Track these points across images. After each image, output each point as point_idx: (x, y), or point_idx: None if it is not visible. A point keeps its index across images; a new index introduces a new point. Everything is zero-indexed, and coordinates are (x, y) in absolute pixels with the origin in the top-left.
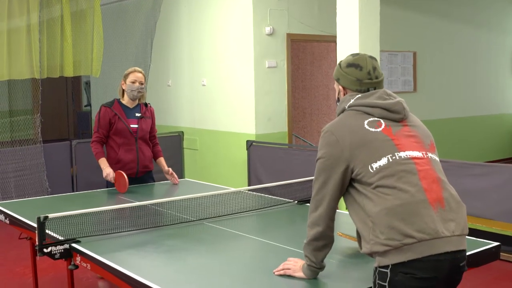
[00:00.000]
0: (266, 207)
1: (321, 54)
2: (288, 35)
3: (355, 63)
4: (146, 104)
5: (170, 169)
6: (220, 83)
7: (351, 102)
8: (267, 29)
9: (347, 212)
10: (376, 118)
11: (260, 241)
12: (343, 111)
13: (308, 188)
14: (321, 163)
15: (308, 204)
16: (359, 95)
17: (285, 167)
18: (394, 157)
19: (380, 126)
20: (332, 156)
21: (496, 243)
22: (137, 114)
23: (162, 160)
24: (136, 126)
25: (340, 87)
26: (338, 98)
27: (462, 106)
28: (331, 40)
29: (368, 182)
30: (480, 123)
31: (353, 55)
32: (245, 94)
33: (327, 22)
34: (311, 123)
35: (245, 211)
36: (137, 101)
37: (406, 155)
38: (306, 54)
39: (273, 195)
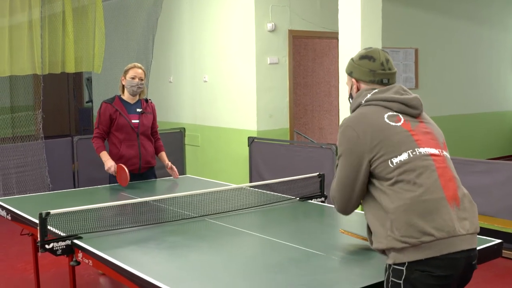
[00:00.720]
0: (267, 204)
1: (323, 51)
2: (290, 31)
3: (368, 55)
4: (146, 100)
5: (170, 163)
6: (222, 79)
7: (368, 96)
8: (269, 26)
9: None
10: (394, 113)
11: (262, 237)
12: (358, 106)
13: (309, 185)
14: (343, 160)
15: (310, 201)
16: (376, 90)
17: (286, 163)
18: (414, 153)
19: (400, 120)
20: (354, 152)
21: (498, 240)
22: (138, 110)
23: (163, 154)
24: (137, 121)
25: (353, 80)
26: (351, 94)
27: (464, 103)
28: (333, 36)
29: (387, 177)
30: (482, 120)
31: (365, 48)
32: (247, 90)
33: (329, 18)
34: (312, 120)
35: (247, 208)
36: (137, 97)
37: (425, 152)
38: (308, 50)
39: (274, 192)
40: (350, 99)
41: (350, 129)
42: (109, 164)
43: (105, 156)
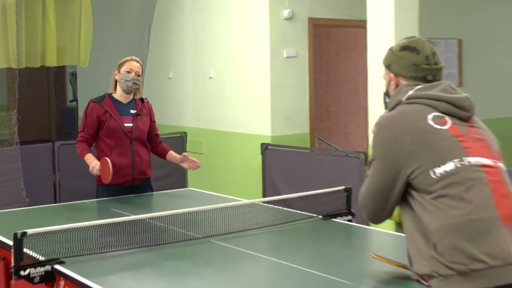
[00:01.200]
0: (284, 223)
1: (349, 42)
2: (310, 19)
3: (410, 45)
4: (142, 100)
5: (185, 153)
6: (230, 75)
7: (410, 93)
8: (286, 13)
9: (382, 230)
10: (440, 114)
11: (278, 262)
12: (398, 104)
13: (333, 200)
14: (377, 165)
15: (335, 220)
16: (420, 86)
17: (306, 175)
18: (462, 162)
19: (446, 123)
20: (388, 157)
21: None
22: (132, 111)
23: (172, 153)
24: (130, 124)
25: (392, 75)
26: (387, 91)
27: None
28: (360, 25)
29: (428, 190)
30: None
31: (407, 38)
32: (260, 88)
33: (355, 4)
34: (336, 123)
35: (259, 227)
36: (131, 96)
37: (476, 162)
38: (331, 42)
39: (292, 209)
40: (387, 97)
41: (385, 129)
42: (93, 163)
43: (90, 158)
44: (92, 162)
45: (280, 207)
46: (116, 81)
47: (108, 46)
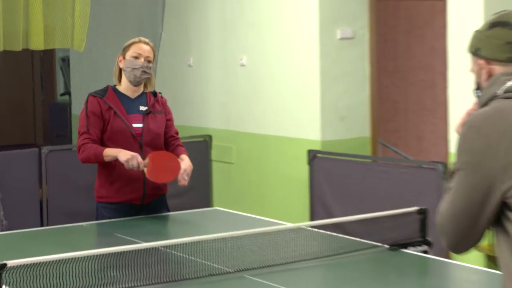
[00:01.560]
0: (338, 254)
1: (423, 19)
2: None
3: (502, 20)
4: (155, 94)
5: (187, 168)
6: (268, 62)
7: (508, 84)
8: None
9: (468, 265)
10: None
11: None
12: (492, 98)
13: (403, 225)
14: (463, 178)
15: (405, 251)
16: None
17: (367, 191)
18: None
19: None
20: (478, 169)
21: None
22: (142, 108)
23: (185, 157)
24: (140, 125)
25: (481, 61)
26: (478, 84)
27: None
28: None
29: None
30: None
31: (496, 13)
32: (306, 79)
33: None
34: (406, 124)
35: (306, 259)
36: (141, 89)
37: None
38: (400, 18)
39: (349, 235)
40: (477, 91)
41: (475, 132)
42: (132, 154)
43: (112, 151)
44: (121, 153)
45: (333, 233)
46: (120, 69)
47: (111, 25)
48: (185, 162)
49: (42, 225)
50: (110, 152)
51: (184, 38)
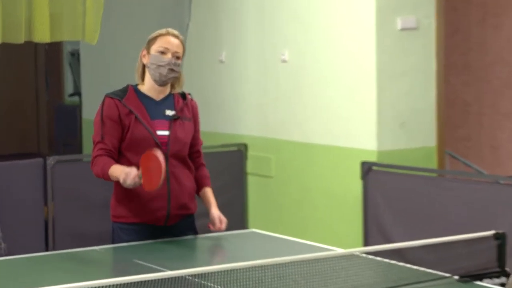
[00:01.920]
0: (398, 286)
1: (500, 5)
2: None
3: None
4: (183, 95)
5: (221, 215)
6: (314, 58)
7: None
8: None
9: None
10: None
11: None
12: None
13: (477, 252)
14: None
15: (480, 284)
16: None
17: (432, 211)
18: None
19: None
20: None
21: None
22: (169, 112)
23: (209, 192)
24: (166, 133)
25: None
26: None
27: None
28: None
29: None
30: None
31: None
32: (360, 77)
33: None
34: (479, 132)
35: None
36: (168, 89)
37: None
38: (472, 5)
39: (412, 264)
40: None
41: None
42: (126, 171)
43: (117, 168)
44: (122, 172)
45: (391, 261)
46: (144, 66)
47: (128, 14)
48: (215, 205)
49: (47, 249)
50: (114, 173)
51: (215, 29)
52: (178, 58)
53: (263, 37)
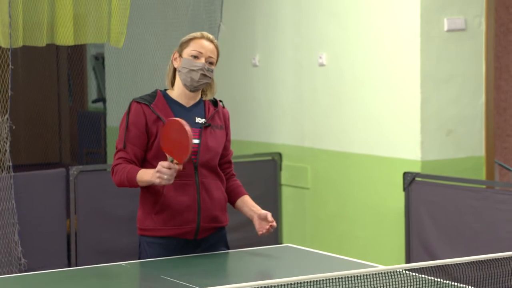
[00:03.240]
0: None
1: None
2: None
3: None
4: (215, 103)
5: (269, 214)
6: (353, 61)
7: None
8: None
9: None
10: None
11: None
12: None
13: None
14: None
15: None
16: None
17: (481, 225)
18: None
19: None
20: None
21: None
22: (199, 120)
23: (247, 198)
24: (196, 141)
25: None
26: None
27: None
28: None
29: None
30: None
31: None
32: (402, 83)
33: None
34: None
35: None
36: (199, 96)
37: None
38: None
39: (458, 282)
40: None
41: None
42: (157, 170)
43: (146, 172)
44: (150, 173)
45: (437, 279)
46: (175, 70)
47: (156, 14)
48: (261, 213)
49: (69, 265)
50: (144, 177)
51: (249, 31)
52: (211, 63)
53: (300, 39)
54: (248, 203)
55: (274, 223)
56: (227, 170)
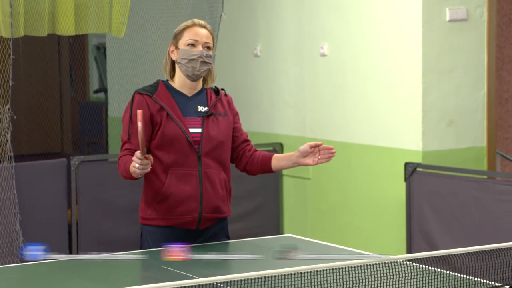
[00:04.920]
0: None
1: None
2: None
3: None
4: (217, 91)
5: (309, 143)
6: (354, 52)
7: None
8: None
9: None
10: None
11: None
12: None
13: None
14: None
15: None
16: None
17: (481, 215)
18: None
19: None
20: None
21: None
22: (201, 109)
23: (278, 155)
24: (198, 130)
25: None
26: None
27: None
28: None
29: None
30: None
31: None
32: (403, 73)
33: None
34: None
35: None
36: (200, 84)
37: None
38: None
39: (459, 272)
40: None
41: None
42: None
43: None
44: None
45: (437, 269)
46: (172, 62)
47: (158, 5)
48: (301, 151)
49: (70, 253)
50: (131, 168)
51: (250, 21)
52: (209, 48)
53: (301, 30)
54: (281, 158)
55: (330, 147)
56: (248, 148)
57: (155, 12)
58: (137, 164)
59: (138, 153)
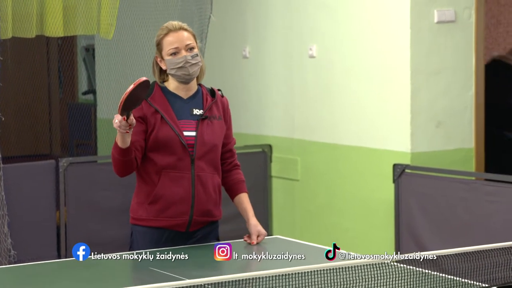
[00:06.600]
0: None
1: None
2: None
3: None
4: (212, 92)
5: (260, 228)
6: (343, 53)
7: None
8: None
9: None
10: None
11: None
12: None
13: None
14: None
15: None
16: None
17: (470, 217)
18: None
19: None
20: None
21: None
22: (196, 111)
23: (245, 199)
24: (193, 133)
25: None
26: None
27: None
28: None
29: None
30: None
31: None
32: (392, 75)
33: None
34: None
35: None
36: (195, 85)
37: None
38: None
39: (446, 273)
40: None
41: None
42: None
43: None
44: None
45: (425, 270)
46: (161, 70)
47: (147, 6)
48: (253, 214)
49: (59, 257)
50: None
51: (239, 23)
52: (192, 49)
53: (290, 31)
54: (243, 203)
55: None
56: (229, 160)
57: (144, 14)
58: (117, 120)
59: (117, 116)
